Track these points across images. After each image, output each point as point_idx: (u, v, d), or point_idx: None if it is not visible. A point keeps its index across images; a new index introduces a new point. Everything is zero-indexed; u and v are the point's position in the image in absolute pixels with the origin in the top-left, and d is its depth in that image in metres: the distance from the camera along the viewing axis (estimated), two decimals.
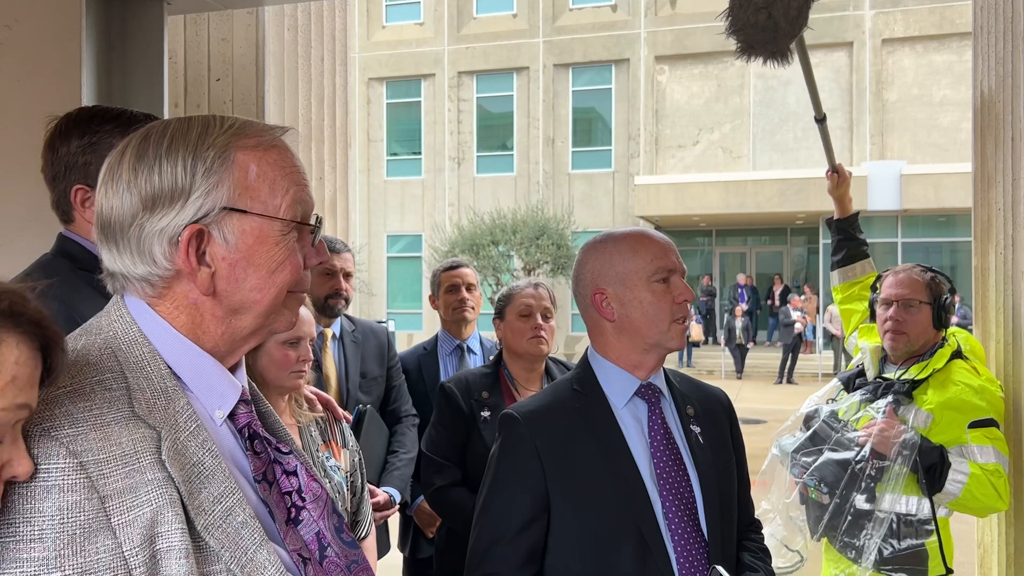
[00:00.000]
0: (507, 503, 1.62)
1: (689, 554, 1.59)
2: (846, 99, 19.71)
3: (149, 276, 0.95)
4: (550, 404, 1.71)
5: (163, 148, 0.94)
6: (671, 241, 1.74)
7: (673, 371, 1.82)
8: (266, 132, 1.00)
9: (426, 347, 3.45)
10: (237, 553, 0.88)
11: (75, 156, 1.62)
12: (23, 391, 0.78)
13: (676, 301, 1.65)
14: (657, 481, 1.61)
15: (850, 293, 3.02)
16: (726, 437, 1.78)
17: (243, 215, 0.95)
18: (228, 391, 0.98)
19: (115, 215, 0.95)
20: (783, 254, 21.71)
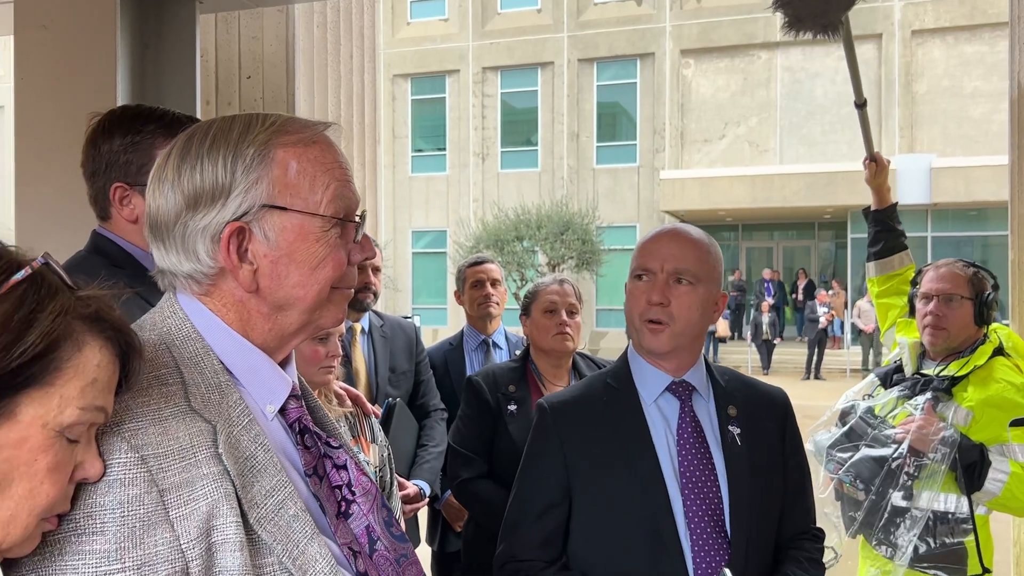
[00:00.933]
0: (533, 487, 1.71)
1: (708, 555, 1.58)
2: (875, 92, 19.45)
3: (195, 273, 0.96)
4: (580, 396, 1.75)
5: (205, 147, 0.95)
6: (686, 242, 1.67)
7: (724, 369, 1.81)
8: (308, 128, 0.99)
9: (452, 342, 3.48)
10: (289, 546, 0.89)
11: (116, 154, 1.63)
12: (101, 394, 0.80)
13: (647, 301, 1.65)
14: (680, 479, 1.61)
15: (888, 287, 2.95)
16: (774, 440, 1.74)
17: (283, 212, 0.95)
18: (279, 386, 0.99)
19: (161, 214, 0.96)
20: (811, 249, 21.51)
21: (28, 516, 0.77)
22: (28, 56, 2.73)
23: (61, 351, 0.78)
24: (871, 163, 2.99)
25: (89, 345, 0.80)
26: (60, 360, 0.78)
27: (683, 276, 1.65)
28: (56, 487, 0.78)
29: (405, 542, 1.04)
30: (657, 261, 1.66)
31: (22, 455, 0.76)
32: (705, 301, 1.67)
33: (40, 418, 0.77)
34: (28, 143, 2.75)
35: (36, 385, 0.76)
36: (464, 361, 3.38)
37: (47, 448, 0.77)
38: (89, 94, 2.68)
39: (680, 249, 1.67)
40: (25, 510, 0.77)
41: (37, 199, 2.72)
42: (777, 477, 1.71)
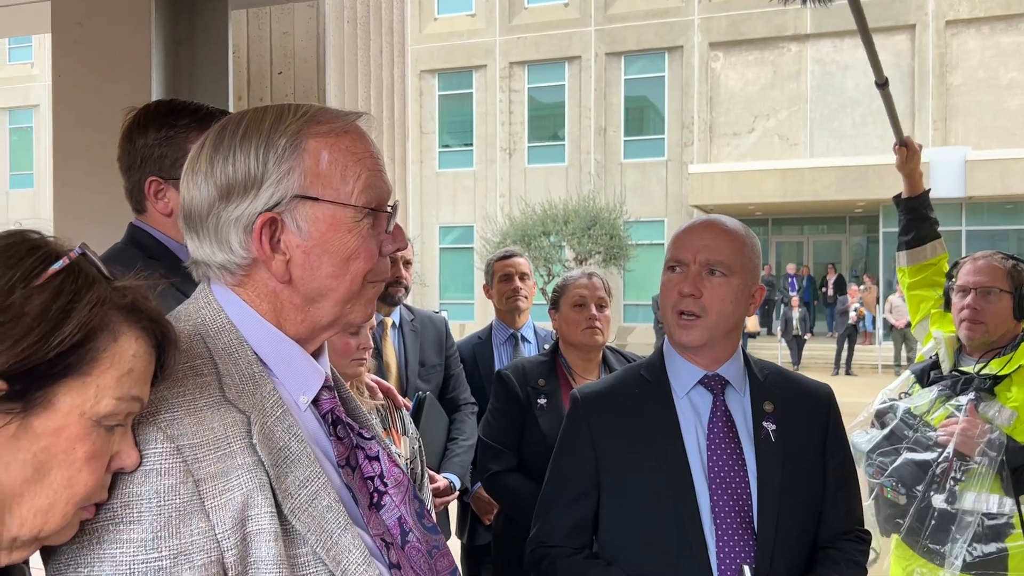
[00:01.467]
0: (563, 476, 1.73)
1: (732, 550, 1.56)
2: (908, 84, 19.16)
3: (228, 264, 0.96)
4: (612, 387, 1.76)
5: (237, 138, 0.95)
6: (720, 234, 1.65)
7: (766, 363, 1.78)
8: (339, 118, 0.99)
9: (480, 336, 3.48)
10: (322, 537, 0.89)
11: (151, 148, 1.65)
12: (137, 384, 0.81)
13: (679, 292, 1.63)
14: (708, 473, 1.60)
15: (922, 277, 2.85)
16: (815, 437, 1.70)
17: (315, 202, 0.95)
18: (312, 377, 0.99)
19: (195, 205, 0.97)
20: (842, 243, 21.25)
21: (66, 505, 0.78)
22: (65, 53, 2.77)
23: (98, 341, 0.78)
24: (901, 148, 2.89)
25: (125, 335, 0.81)
26: (97, 350, 0.78)
27: (716, 267, 1.62)
28: (94, 476, 0.79)
29: (437, 534, 1.04)
30: (690, 252, 1.64)
31: (60, 444, 0.77)
32: (739, 293, 1.64)
33: (77, 407, 0.77)
34: (65, 139, 2.80)
35: (73, 375, 0.77)
36: (493, 355, 3.38)
37: (84, 437, 0.78)
38: (124, 90, 2.72)
39: (714, 240, 1.64)
40: (63, 499, 0.77)
41: (75, 194, 2.77)
42: (816, 475, 1.68)
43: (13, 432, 0.74)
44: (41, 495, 0.77)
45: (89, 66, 2.74)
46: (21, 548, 0.80)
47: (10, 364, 0.73)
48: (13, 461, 0.75)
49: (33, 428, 0.76)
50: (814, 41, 19.56)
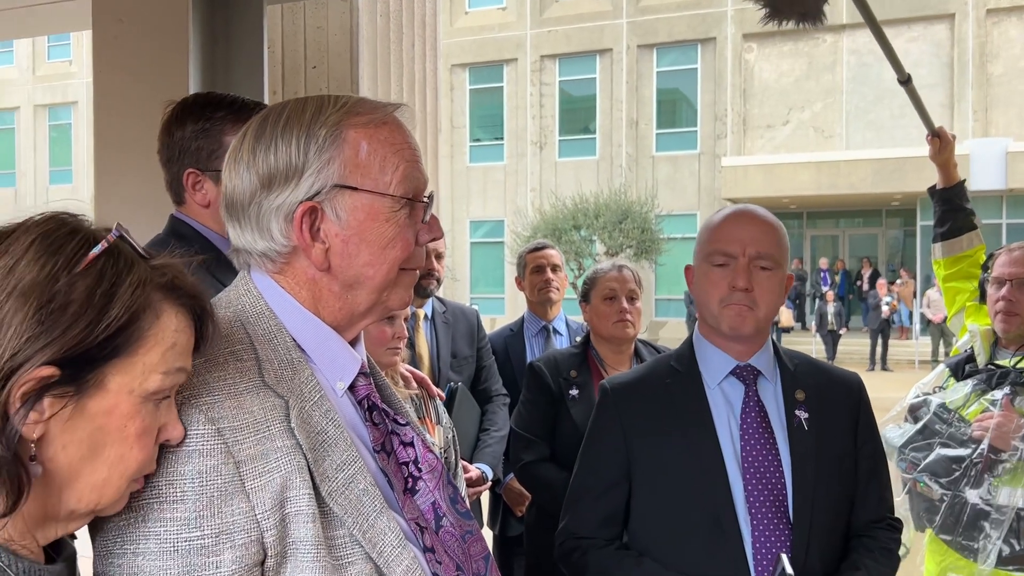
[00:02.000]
0: (593, 466, 1.73)
1: (768, 540, 1.56)
2: (947, 74, 18.81)
3: (269, 252, 0.98)
4: (642, 378, 1.76)
5: (279, 128, 0.97)
6: (760, 227, 1.65)
7: (795, 353, 1.78)
8: (378, 109, 1.01)
9: (512, 328, 3.49)
10: (359, 519, 0.91)
11: (188, 141, 1.68)
12: (181, 357, 0.84)
13: (730, 286, 1.61)
14: (742, 463, 1.59)
15: (957, 269, 2.81)
16: (846, 426, 1.70)
17: (354, 192, 0.97)
18: (349, 363, 1.01)
19: (237, 194, 0.99)
20: (878, 237, 20.94)
21: (120, 479, 0.81)
22: (105, 49, 2.83)
23: (142, 321, 0.81)
24: (934, 139, 2.86)
25: (167, 312, 0.83)
26: (141, 330, 0.80)
27: (764, 261, 1.62)
28: (144, 451, 0.82)
29: (470, 519, 1.06)
30: (738, 245, 1.62)
31: (113, 422, 0.79)
32: (781, 284, 1.65)
33: (127, 386, 0.80)
34: (106, 133, 2.85)
35: (121, 355, 0.79)
36: (524, 347, 3.39)
37: (135, 414, 0.80)
38: (163, 85, 2.77)
39: (760, 233, 1.64)
40: (117, 473, 0.80)
41: (115, 188, 2.82)
42: (848, 463, 1.68)
43: (69, 415, 0.77)
44: (97, 471, 0.80)
45: (128, 62, 2.80)
46: (77, 519, 0.83)
47: (62, 351, 0.75)
48: (70, 441, 0.78)
49: (87, 409, 0.78)
50: (850, 31, 19.26)
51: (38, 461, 0.77)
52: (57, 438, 0.77)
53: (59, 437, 0.77)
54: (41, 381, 0.75)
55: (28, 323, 0.75)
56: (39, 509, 0.79)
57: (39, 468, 0.77)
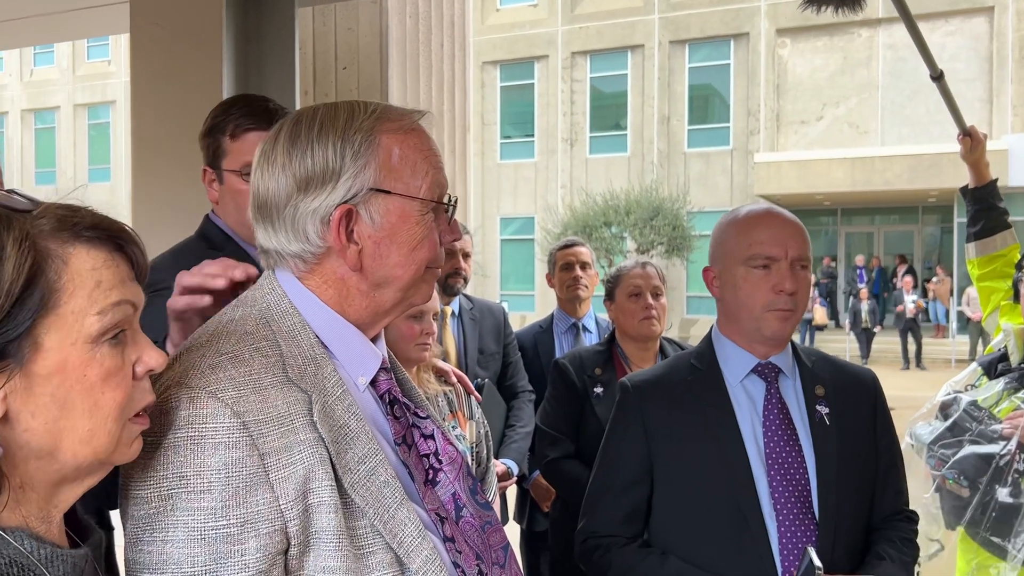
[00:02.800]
0: (614, 463, 1.74)
1: (794, 535, 1.57)
2: (986, 68, 18.44)
3: (302, 253, 1.01)
4: (663, 376, 1.76)
5: (314, 133, 1.00)
6: (792, 227, 1.66)
7: (811, 349, 1.79)
8: (406, 116, 1.05)
9: (542, 325, 3.52)
10: (380, 510, 0.94)
11: (204, 140, 1.75)
12: (114, 291, 0.81)
13: (775, 290, 1.61)
14: (766, 460, 1.61)
15: (991, 269, 2.80)
16: (865, 420, 1.72)
17: (387, 195, 1.00)
18: (370, 359, 1.05)
19: (271, 196, 1.02)
20: (914, 234, 20.62)
21: (105, 423, 0.81)
22: (142, 52, 2.91)
23: (48, 273, 0.78)
24: (965, 138, 2.84)
25: (76, 255, 0.80)
26: (51, 281, 0.78)
27: (803, 262, 1.64)
28: (119, 390, 0.81)
29: (489, 510, 1.09)
30: (780, 248, 1.62)
31: (70, 376, 0.79)
32: (810, 284, 1.68)
33: (66, 339, 0.78)
34: (143, 134, 2.93)
35: (43, 313, 0.77)
36: (554, 344, 3.42)
37: (89, 361, 0.79)
38: (197, 87, 2.84)
39: (797, 234, 1.65)
40: (99, 420, 0.80)
41: (151, 187, 2.90)
42: (869, 457, 1.69)
43: (22, 384, 0.77)
44: (77, 426, 0.80)
45: (165, 64, 2.87)
46: (88, 474, 0.84)
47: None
48: (37, 408, 0.78)
49: (36, 373, 0.77)
50: (886, 26, 18.96)
51: (14, 440, 0.78)
52: (23, 409, 0.78)
53: (24, 408, 0.78)
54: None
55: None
56: (44, 476, 0.81)
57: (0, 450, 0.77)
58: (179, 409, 0.89)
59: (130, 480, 0.90)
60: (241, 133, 1.71)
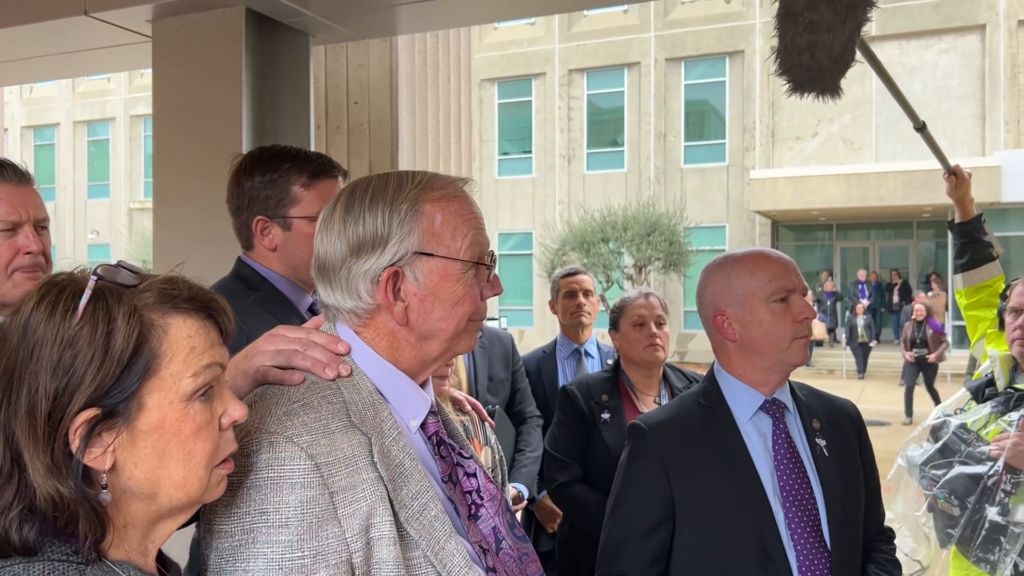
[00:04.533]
0: (636, 507, 1.74)
1: (812, 565, 1.64)
2: (978, 85, 18.65)
3: (356, 309, 1.13)
4: (676, 416, 1.81)
5: (366, 203, 1.13)
6: (790, 260, 1.79)
7: (800, 384, 1.86)
8: (449, 184, 1.17)
9: (545, 350, 3.63)
10: (431, 542, 1.04)
11: (257, 191, 1.83)
12: (206, 354, 0.93)
13: (797, 320, 1.71)
14: (780, 493, 1.68)
15: (977, 299, 2.93)
16: (853, 449, 1.81)
17: (430, 258, 1.12)
18: (420, 404, 1.16)
19: (329, 258, 1.14)
20: (909, 249, 20.77)
21: (197, 471, 0.92)
22: (164, 91, 3.02)
23: (151, 342, 0.89)
24: (951, 176, 2.99)
25: (172, 324, 0.92)
26: (153, 350, 0.89)
27: (805, 290, 1.77)
28: (208, 441, 0.93)
29: (526, 542, 1.20)
30: (794, 279, 1.75)
31: (167, 431, 0.90)
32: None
33: (165, 399, 0.90)
34: (165, 168, 3.04)
35: (146, 377, 0.89)
36: (557, 369, 3.53)
37: (184, 417, 0.91)
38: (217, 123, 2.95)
39: (794, 266, 1.79)
40: (192, 469, 0.92)
41: (173, 219, 3.01)
42: (860, 484, 1.80)
43: (128, 439, 0.89)
44: (174, 473, 0.91)
45: (186, 103, 2.99)
46: (181, 513, 0.96)
47: (92, 393, 0.86)
48: (139, 459, 0.90)
49: (140, 429, 0.89)
50: (879, 43, 19.17)
51: (120, 486, 0.91)
52: (127, 460, 0.89)
53: (128, 459, 0.89)
54: (88, 423, 0.86)
55: (51, 381, 0.86)
56: (143, 516, 0.94)
57: (108, 496, 0.90)
58: (260, 452, 1.01)
59: (215, 516, 1.01)
60: (314, 183, 1.83)
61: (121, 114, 27.30)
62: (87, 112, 27.95)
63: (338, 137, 3.50)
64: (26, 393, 0.87)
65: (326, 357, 1.11)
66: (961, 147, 18.22)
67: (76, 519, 0.87)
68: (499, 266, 4.95)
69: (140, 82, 25.88)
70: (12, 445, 0.87)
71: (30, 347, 0.88)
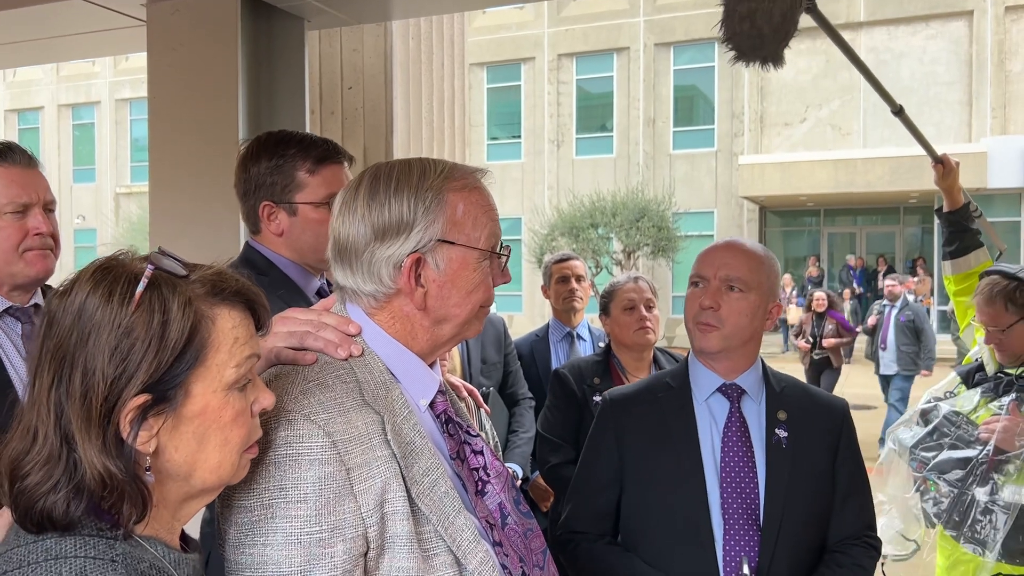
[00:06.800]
0: (588, 469, 1.91)
1: (738, 543, 1.71)
2: (965, 71, 18.75)
3: (376, 293, 1.16)
4: (639, 391, 1.93)
5: (391, 188, 1.16)
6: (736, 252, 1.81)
7: (785, 377, 1.91)
8: (469, 175, 1.21)
9: (538, 334, 3.68)
10: (441, 518, 1.08)
11: (263, 176, 1.84)
12: (247, 345, 0.98)
13: (698, 305, 1.79)
14: (720, 472, 1.75)
15: (966, 286, 2.96)
16: (825, 447, 1.82)
17: (451, 246, 1.15)
18: (430, 384, 1.20)
19: (351, 241, 1.16)
20: (896, 234, 20.92)
21: (230, 456, 0.97)
22: (160, 76, 3.03)
23: (201, 332, 0.93)
24: (938, 165, 3.01)
25: (220, 316, 0.95)
26: (203, 340, 0.93)
27: (734, 284, 1.77)
28: (243, 428, 0.97)
29: (531, 518, 1.24)
30: (711, 269, 1.80)
31: (209, 417, 0.94)
32: (756, 308, 1.79)
33: (209, 387, 0.94)
34: (161, 153, 3.05)
35: (195, 366, 0.93)
36: (550, 352, 3.58)
37: (225, 405, 0.95)
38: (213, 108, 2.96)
39: (733, 259, 1.80)
40: (227, 453, 0.96)
41: (169, 203, 3.02)
42: (825, 483, 1.80)
43: (172, 424, 0.94)
44: (211, 457, 0.96)
45: (181, 87, 2.99)
46: (209, 494, 1.01)
47: (146, 380, 0.90)
48: (180, 443, 0.94)
49: (184, 415, 0.93)
50: (868, 29, 19.25)
51: (158, 468, 0.94)
52: (168, 444, 0.94)
53: (170, 443, 0.94)
54: (139, 408, 0.90)
55: (108, 366, 0.89)
56: (175, 496, 0.98)
57: (152, 477, 0.94)
58: (278, 430, 1.04)
59: (233, 491, 1.04)
60: (320, 168, 1.84)
61: (106, 98, 27.04)
62: (72, 96, 27.67)
63: (332, 122, 3.51)
64: (81, 376, 0.89)
65: (338, 338, 1.13)
66: (948, 133, 18.34)
67: (122, 499, 0.90)
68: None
69: (125, 65, 25.63)
70: (63, 424, 0.90)
71: (85, 331, 0.90)
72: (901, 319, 8.87)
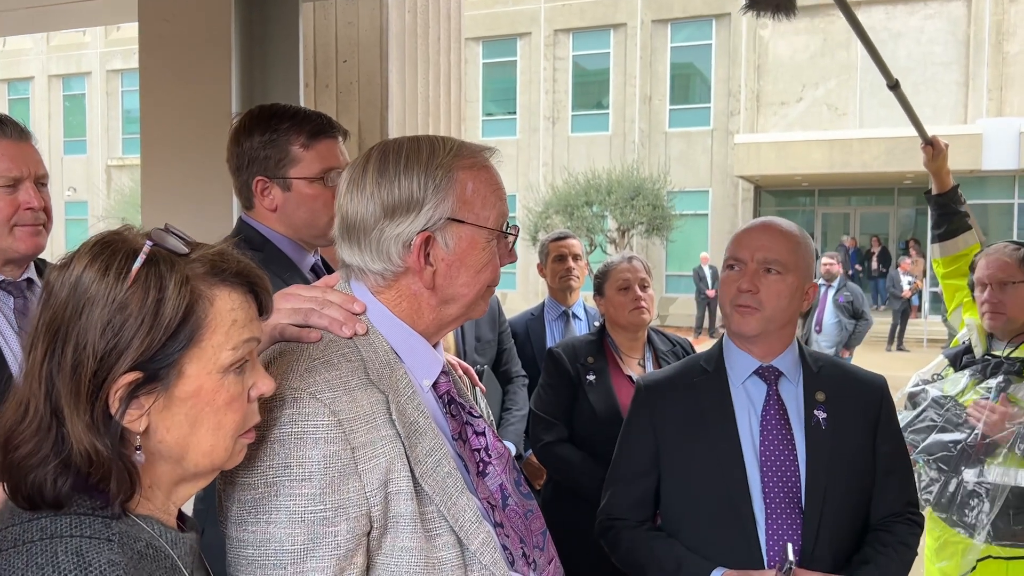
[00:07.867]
0: (625, 456, 1.91)
1: (781, 528, 1.69)
2: (962, 52, 18.68)
3: (384, 271, 1.15)
4: (673, 376, 1.91)
5: (401, 166, 1.13)
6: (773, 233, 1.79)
7: (821, 355, 1.89)
8: (478, 153, 1.19)
9: (534, 312, 3.67)
10: (444, 497, 1.08)
11: (256, 150, 1.81)
12: (246, 329, 0.95)
13: (736, 288, 1.76)
14: (760, 457, 1.73)
15: (955, 268, 2.97)
16: (865, 426, 1.79)
17: (461, 224, 1.14)
18: (433, 364, 1.19)
19: (359, 218, 1.14)
20: (890, 215, 20.94)
21: (224, 441, 0.95)
22: (151, 47, 2.98)
23: (198, 312, 0.91)
24: (927, 147, 3.01)
25: (219, 297, 0.93)
26: (200, 320, 0.91)
27: (772, 266, 1.75)
28: (238, 413, 0.95)
29: (531, 499, 1.24)
30: (748, 251, 1.78)
31: (202, 399, 0.93)
32: (794, 290, 1.76)
33: (204, 368, 0.92)
34: (153, 127, 3.01)
35: (189, 346, 0.90)
36: (545, 330, 3.57)
37: (219, 388, 0.93)
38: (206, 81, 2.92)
39: (770, 240, 1.77)
40: (220, 438, 0.95)
41: (161, 179, 2.99)
42: (866, 462, 1.78)
43: (163, 404, 0.92)
44: (203, 441, 0.94)
45: (173, 59, 2.95)
46: (204, 477, 0.99)
47: (137, 357, 0.88)
48: (172, 424, 0.92)
49: (176, 395, 0.91)
50: (865, 8, 19.12)
51: (150, 448, 0.93)
52: (160, 424, 0.92)
53: (162, 423, 0.92)
54: (129, 385, 0.88)
55: (100, 341, 0.87)
56: (169, 478, 0.96)
57: (142, 457, 0.92)
58: (283, 408, 1.03)
59: (237, 469, 1.03)
60: (314, 143, 1.81)
61: (97, 68, 26.76)
62: (62, 66, 27.36)
63: (326, 96, 3.47)
64: (72, 349, 0.88)
65: (343, 316, 1.12)
66: (943, 114, 18.30)
67: (108, 476, 0.89)
68: None
69: (116, 35, 25.33)
70: (52, 397, 0.89)
71: (79, 304, 0.88)
72: (839, 299, 8.79)
